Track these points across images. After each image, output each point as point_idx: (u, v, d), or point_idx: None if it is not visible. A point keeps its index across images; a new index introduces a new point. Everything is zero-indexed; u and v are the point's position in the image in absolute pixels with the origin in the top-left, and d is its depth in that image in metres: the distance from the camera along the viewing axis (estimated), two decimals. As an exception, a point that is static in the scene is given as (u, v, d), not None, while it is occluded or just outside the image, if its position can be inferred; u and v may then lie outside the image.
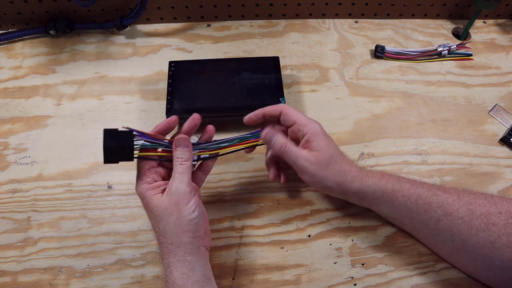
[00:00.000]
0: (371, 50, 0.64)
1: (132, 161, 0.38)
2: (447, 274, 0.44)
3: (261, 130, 0.44)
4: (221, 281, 0.43)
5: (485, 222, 0.38)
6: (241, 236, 0.47)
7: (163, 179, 0.40)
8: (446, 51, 0.62)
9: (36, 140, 0.54)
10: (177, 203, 0.37)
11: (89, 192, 0.50)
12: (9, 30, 0.65)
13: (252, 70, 0.56)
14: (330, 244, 0.46)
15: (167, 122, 0.41)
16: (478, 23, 0.69)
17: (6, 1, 0.61)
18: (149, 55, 0.63)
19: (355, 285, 0.43)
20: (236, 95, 0.53)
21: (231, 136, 0.43)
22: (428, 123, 0.56)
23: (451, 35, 0.67)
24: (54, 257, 0.45)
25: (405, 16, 0.69)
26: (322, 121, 0.46)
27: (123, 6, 0.64)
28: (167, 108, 0.52)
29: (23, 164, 0.52)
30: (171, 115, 0.40)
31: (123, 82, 0.60)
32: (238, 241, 0.46)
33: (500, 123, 0.57)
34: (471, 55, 0.64)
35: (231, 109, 0.52)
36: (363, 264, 0.45)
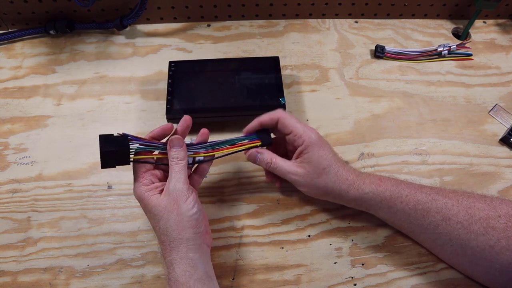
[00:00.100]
0: (371, 50, 0.64)
1: (129, 165, 0.39)
2: (447, 274, 0.44)
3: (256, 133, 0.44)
4: (221, 281, 0.43)
5: (484, 226, 0.38)
6: (241, 236, 0.47)
7: (160, 181, 0.40)
8: (446, 51, 0.62)
9: (36, 140, 0.54)
10: (176, 201, 0.37)
11: (89, 192, 0.50)
12: (9, 30, 0.66)
13: (252, 70, 0.56)
14: (330, 244, 0.46)
15: (162, 129, 0.41)
16: (478, 23, 0.69)
17: (6, 1, 0.61)
18: (149, 55, 0.63)
19: (355, 285, 0.43)
20: (236, 95, 0.53)
21: (227, 138, 0.43)
22: (428, 123, 0.56)
23: (451, 35, 0.67)
24: (54, 257, 0.45)
25: (405, 16, 0.69)
26: (322, 121, 0.47)
27: (123, 6, 0.64)
28: (167, 108, 0.52)
29: (23, 164, 0.52)
30: (171, 115, 0.40)
31: (123, 82, 0.60)
32: (238, 241, 0.46)
33: (500, 123, 0.57)
34: (471, 55, 0.64)
35: (231, 109, 0.52)
36: (363, 264, 0.45)
